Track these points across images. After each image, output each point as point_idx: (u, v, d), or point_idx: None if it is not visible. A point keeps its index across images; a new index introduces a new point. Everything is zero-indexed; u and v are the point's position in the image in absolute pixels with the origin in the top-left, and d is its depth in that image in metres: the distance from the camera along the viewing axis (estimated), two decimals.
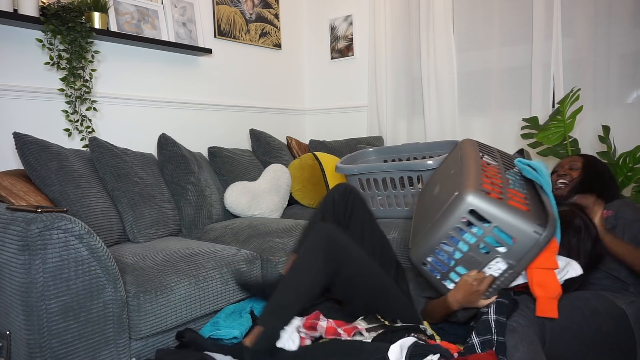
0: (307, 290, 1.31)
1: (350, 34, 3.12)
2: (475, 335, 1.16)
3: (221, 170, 2.38)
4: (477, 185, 1.17)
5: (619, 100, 2.20)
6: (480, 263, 1.20)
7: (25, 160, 1.65)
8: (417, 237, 1.32)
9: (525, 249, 1.14)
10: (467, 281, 1.21)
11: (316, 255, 1.33)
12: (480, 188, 1.17)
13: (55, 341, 1.15)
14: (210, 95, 2.70)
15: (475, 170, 1.25)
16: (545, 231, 1.11)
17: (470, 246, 1.19)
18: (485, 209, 1.14)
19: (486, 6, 2.54)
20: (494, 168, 1.33)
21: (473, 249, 1.19)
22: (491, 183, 1.23)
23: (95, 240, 1.23)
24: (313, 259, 1.33)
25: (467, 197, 1.15)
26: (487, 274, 1.20)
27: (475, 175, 1.22)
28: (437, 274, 1.29)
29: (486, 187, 1.20)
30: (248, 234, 1.89)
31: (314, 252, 1.34)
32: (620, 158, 1.92)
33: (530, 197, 1.24)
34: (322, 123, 3.35)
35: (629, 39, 2.15)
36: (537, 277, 1.17)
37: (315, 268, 1.33)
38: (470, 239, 1.20)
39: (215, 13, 2.70)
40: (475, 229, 1.19)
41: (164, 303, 1.38)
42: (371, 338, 1.29)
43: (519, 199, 1.21)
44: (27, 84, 1.90)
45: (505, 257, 1.17)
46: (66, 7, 1.88)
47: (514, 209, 1.14)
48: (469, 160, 1.31)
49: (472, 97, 2.65)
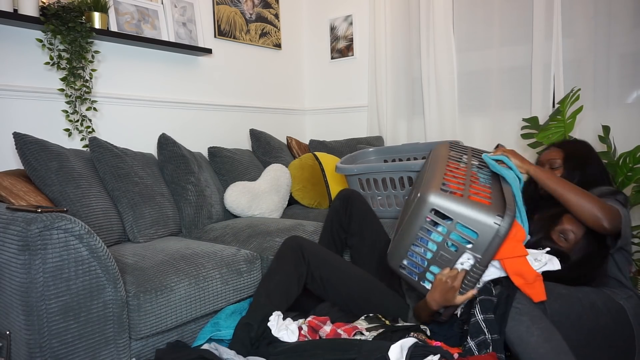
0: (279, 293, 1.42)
1: (350, 34, 3.12)
2: (470, 339, 1.17)
3: (221, 170, 2.38)
4: (437, 185, 1.23)
5: (619, 100, 2.20)
6: (451, 260, 1.24)
7: (25, 160, 1.65)
8: (393, 242, 1.37)
9: (488, 241, 1.17)
10: (441, 279, 1.23)
11: (285, 260, 1.46)
12: (440, 187, 1.22)
13: (55, 341, 1.15)
14: (210, 95, 2.70)
15: (439, 172, 1.30)
16: (504, 221, 1.14)
17: (439, 245, 1.23)
18: (444, 206, 1.18)
19: (486, 6, 2.54)
20: (461, 168, 1.37)
21: (441, 247, 1.23)
22: (454, 182, 1.27)
23: (95, 240, 1.23)
24: (282, 264, 1.46)
25: (428, 197, 1.20)
26: (459, 270, 1.23)
27: (438, 176, 1.28)
28: (414, 276, 1.32)
29: (450, 186, 1.25)
30: (248, 234, 1.89)
31: (283, 258, 1.47)
32: (620, 158, 1.92)
33: (495, 191, 1.28)
34: (322, 123, 3.35)
35: (629, 39, 2.15)
36: (511, 267, 1.20)
37: (284, 272, 1.44)
38: (437, 238, 1.24)
39: (215, 13, 2.70)
40: (441, 228, 1.22)
41: (164, 303, 1.38)
42: (372, 338, 1.29)
43: (483, 194, 1.24)
44: (27, 84, 1.90)
45: (472, 251, 1.20)
46: (66, 7, 1.88)
47: (474, 204, 1.18)
48: (434, 164, 1.37)
49: (472, 97, 2.65)
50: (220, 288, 1.55)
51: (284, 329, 1.32)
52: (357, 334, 1.32)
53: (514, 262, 1.19)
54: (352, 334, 1.31)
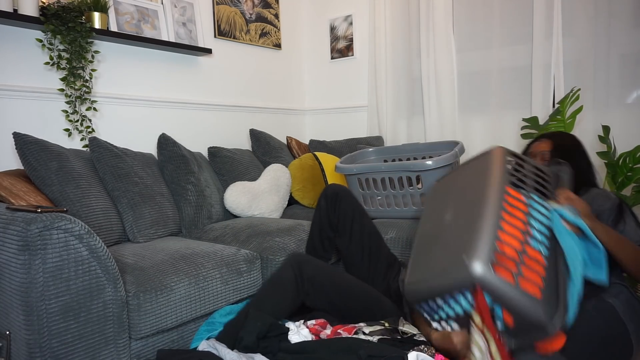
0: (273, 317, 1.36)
1: (350, 34, 3.12)
2: None
3: (221, 170, 2.38)
4: (489, 253, 0.97)
5: (619, 100, 2.20)
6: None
7: (25, 160, 1.65)
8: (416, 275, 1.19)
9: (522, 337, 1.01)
10: (452, 340, 1.13)
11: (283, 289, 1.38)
12: (491, 258, 0.97)
13: (55, 341, 1.15)
14: (210, 95, 2.70)
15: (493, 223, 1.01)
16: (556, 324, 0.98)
17: (466, 312, 1.05)
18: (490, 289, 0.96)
19: (486, 6, 2.54)
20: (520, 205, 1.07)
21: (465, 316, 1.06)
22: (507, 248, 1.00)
23: (95, 240, 1.23)
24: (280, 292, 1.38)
25: (474, 271, 0.96)
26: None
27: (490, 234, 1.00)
28: (426, 315, 1.22)
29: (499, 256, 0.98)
30: (248, 234, 1.89)
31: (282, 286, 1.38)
32: (620, 158, 1.92)
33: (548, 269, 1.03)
34: (322, 123, 3.35)
35: (629, 39, 2.15)
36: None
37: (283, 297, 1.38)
38: (467, 306, 1.04)
39: (215, 13, 2.70)
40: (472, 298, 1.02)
41: (164, 303, 1.38)
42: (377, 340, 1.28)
43: (535, 274, 1.00)
44: (27, 84, 1.90)
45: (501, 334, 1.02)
46: (66, 7, 1.88)
47: (525, 296, 0.95)
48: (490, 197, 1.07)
49: (472, 97, 2.65)
50: (220, 288, 1.55)
51: (296, 333, 1.32)
52: (357, 332, 1.32)
53: None
54: (353, 333, 1.31)
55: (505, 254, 0.99)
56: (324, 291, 1.40)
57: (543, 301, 0.97)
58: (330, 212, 1.69)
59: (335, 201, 1.68)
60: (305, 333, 1.33)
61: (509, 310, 0.98)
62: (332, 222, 1.69)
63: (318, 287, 1.40)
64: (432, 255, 1.19)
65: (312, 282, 1.39)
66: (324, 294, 1.41)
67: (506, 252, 0.99)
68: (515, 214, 1.06)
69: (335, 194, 1.69)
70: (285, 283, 1.38)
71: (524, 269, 0.99)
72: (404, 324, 1.36)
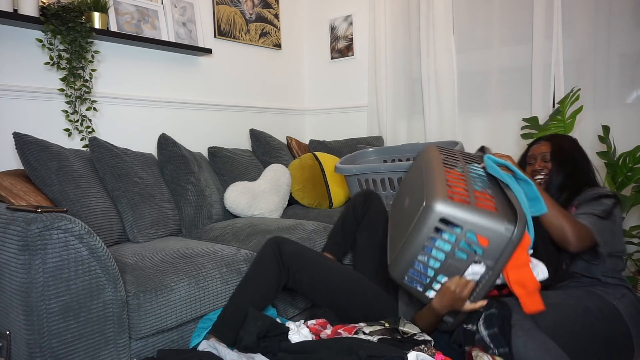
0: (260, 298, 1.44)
1: (350, 34, 3.12)
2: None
3: (221, 170, 2.38)
4: (443, 193, 1.18)
5: (619, 100, 2.20)
6: (460, 269, 1.20)
7: (25, 160, 1.65)
8: (394, 252, 1.32)
9: (500, 249, 1.15)
10: (449, 288, 1.20)
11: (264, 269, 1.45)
12: (446, 195, 1.17)
13: (55, 341, 1.15)
14: (210, 95, 2.70)
15: (440, 178, 1.25)
16: (516, 228, 1.12)
17: (447, 254, 1.19)
18: (454, 215, 1.14)
19: (486, 6, 2.54)
20: (457, 172, 1.32)
21: (450, 256, 1.20)
22: (456, 188, 1.23)
23: (95, 240, 1.23)
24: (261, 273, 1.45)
25: (436, 206, 1.15)
26: (468, 278, 1.20)
27: (441, 183, 1.23)
28: (419, 286, 1.28)
29: (451, 192, 1.20)
30: (248, 234, 1.89)
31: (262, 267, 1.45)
32: (620, 158, 1.92)
33: (497, 197, 1.25)
34: (322, 123, 3.35)
35: (629, 39, 2.15)
36: (513, 275, 1.17)
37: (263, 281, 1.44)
38: (446, 247, 1.20)
39: (215, 13, 2.70)
40: (448, 236, 1.19)
41: (164, 303, 1.38)
42: (377, 340, 1.28)
43: (486, 200, 1.21)
44: (27, 84, 1.90)
45: (482, 260, 1.17)
46: (66, 7, 1.88)
47: (483, 211, 1.14)
48: (432, 169, 1.32)
49: (472, 97, 2.65)
50: (220, 288, 1.55)
51: (296, 333, 1.33)
52: (358, 332, 1.32)
53: (517, 270, 1.16)
54: (353, 332, 1.32)
55: (456, 191, 1.20)
56: (303, 267, 1.47)
57: (500, 213, 1.15)
58: (359, 206, 1.76)
59: (369, 199, 1.77)
60: (305, 333, 1.34)
61: (475, 228, 1.14)
62: (357, 214, 1.76)
63: (297, 263, 1.47)
64: (400, 233, 1.33)
65: (291, 257, 1.47)
66: (305, 270, 1.47)
67: (456, 190, 1.20)
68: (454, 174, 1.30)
69: (370, 193, 1.79)
70: (265, 261, 1.46)
71: (476, 199, 1.18)
72: (405, 324, 1.36)
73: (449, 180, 1.26)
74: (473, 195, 1.21)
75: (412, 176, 1.48)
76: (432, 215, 1.16)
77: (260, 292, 1.44)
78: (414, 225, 1.21)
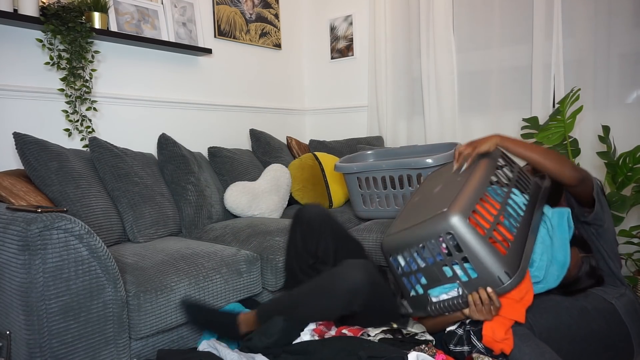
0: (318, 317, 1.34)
1: (350, 34, 3.12)
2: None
3: (221, 170, 2.38)
4: (466, 210, 1.16)
5: (619, 100, 2.19)
6: (439, 281, 1.22)
7: (25, 160, 1.65)
8: (396, 229, 1.33)
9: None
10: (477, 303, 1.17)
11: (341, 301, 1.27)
12: (467, 214, 1.15)
13: (55, 341, 1.15)
14: (210, 95, 2.70)
15: (475, 193, 1.21)
16: (510, 281, 1.11)
17: (436, 263, 1.21)
18: (462, 237, 1.13)
19: (486, 6, 2.54)
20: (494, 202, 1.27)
21: (437, 266, 1.21)
22: (483, 213, 1.20)
23: (95, 240, 1.23)
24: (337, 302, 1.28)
25: (451, 218, 1.14)
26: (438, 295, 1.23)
27: (472, 198, 1.19)
28: (398, 269, 1.33)
29: (476, 214, 1.18)
30: (248, 234, 1.89)
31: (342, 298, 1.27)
32: (620, 158, 1.92)
33: (517, 242, 1.20)
34: (322, 123, 3.35)
35: (629, 39, 2.15)
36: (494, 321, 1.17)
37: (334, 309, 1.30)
38: (438, 257, 1.21)
39: (215, 13, 2.70)
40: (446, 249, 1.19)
41: (164, 303, 1.38)
42: (377, 339, 1.28)
43: (502, 239, 1.19)
44: (27, 84, 1.90)
45: (463, 287, 1.18)
46: (66, 7, 1.88)
47: (490, 248, 1.12)
48: (476, 178, 1.27)
49: (472, 97, 2.65)
50: (221, 288, 1.55)
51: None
52: (363, 334, 1.31)
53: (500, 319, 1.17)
54: (359, 334, 1.31)
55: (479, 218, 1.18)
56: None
57: (507, 257, 1.13)
58: (307, 241, 1.57)
59: (313, 229, 1.55)
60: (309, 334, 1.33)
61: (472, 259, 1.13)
62: (310, 250, 1.57)
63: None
64: (415, 215, 1.32)
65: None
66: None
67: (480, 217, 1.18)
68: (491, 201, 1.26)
69: (312, 220, 1.56)
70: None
71: (494, 233, 1.17)
72: (414, 325, 1.36)
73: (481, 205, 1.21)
74: (494, 228, 1.17)
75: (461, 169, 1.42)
76: (443, 224, 1.15)
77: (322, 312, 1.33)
78: (425, 220, 1.21)
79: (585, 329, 1.22)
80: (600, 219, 1.34)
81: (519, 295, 1.18)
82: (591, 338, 1.22)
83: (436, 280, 1.22)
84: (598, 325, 1.23)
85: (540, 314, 1.22)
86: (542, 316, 1.22)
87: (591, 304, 1.26)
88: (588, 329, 1.22)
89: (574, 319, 1.22)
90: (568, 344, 1.20)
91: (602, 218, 1.35)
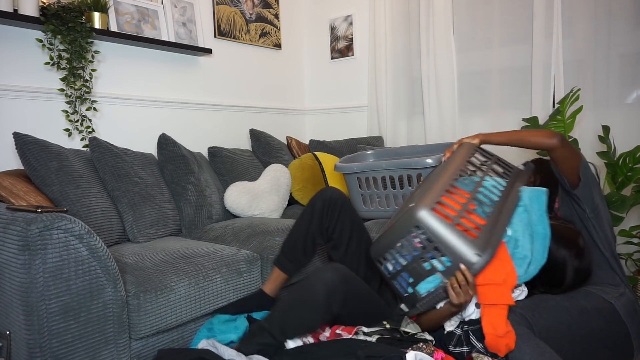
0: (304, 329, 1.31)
1: (350, 34, 3.12)
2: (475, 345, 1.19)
3: (221, 170, 2.38)
4: (431, 202, 1.21)
5: (619, 100, 2.20)
6: (422, 275, 1.26)
7: (25, 160, 1.65)
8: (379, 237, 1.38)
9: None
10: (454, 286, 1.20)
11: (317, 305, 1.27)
12: (432, 206, 1.20)
13: (55, 341, 1.15)
14: (210, 95, 2.70)
15: (441, 186, 1.27)
16: (480, 259, 1.13)
17: (414, 257, 1.25)
18: (429, 226, 1.18)
19: (486, 6, 2.54)
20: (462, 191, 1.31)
21: (416, 261, 1.25)
22: (450, 203, 1.24)
23: (95, 240, 1.23)
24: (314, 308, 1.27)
25: (418, 212, 1.19)
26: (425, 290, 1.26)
27: (437, 191, 1.25)
28: (387, 274, 1.36)
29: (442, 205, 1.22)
30: (248, 234, 1.89)
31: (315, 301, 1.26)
32: (620, 158, 1.92)
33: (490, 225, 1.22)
34: (322, 123, 3.35)
35: (629, 39, 2.15)
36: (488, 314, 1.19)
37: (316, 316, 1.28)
38: (415, 253, 1.25)
39: (215, 13, 2.70)
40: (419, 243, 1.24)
41: (164, 303, 1.38)
42: (375, 340, 1.28)
43: (475, 226, 1.21)
44: (27, 84, 1.90)
45: (442, 276, 1.22)
46: (66, 7, 1.88)
47: (458, 233, 1.16)
48: (444, 174, 1.33)
49: (472, 97, 2.65)
50: (221, 288, 1.55)
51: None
52: (357, 333, 1.32)
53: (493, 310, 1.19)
54: (353, 333, 1.31)
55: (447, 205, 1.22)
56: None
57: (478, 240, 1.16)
58: (324, 218, 1.56)
59: (334, 209, 1.55)
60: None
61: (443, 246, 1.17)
62: (323, 228, 1.57)
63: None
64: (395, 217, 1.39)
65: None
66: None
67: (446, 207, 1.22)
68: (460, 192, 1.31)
69: (334, 200, 1.55)
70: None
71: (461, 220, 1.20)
72: (408, 324, 1.36)
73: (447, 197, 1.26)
74: (462, 215, 1.22)
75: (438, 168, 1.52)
76: (411, 219, 1.21)
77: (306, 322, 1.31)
78: (398, 219, 1.27)
79: (585, 328, 1.22)
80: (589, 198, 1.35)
81: (499, 278, 1.19)
82: (591, 338, 1.22)
83: (420, 276, 1.26)
84: (598, 325, 1.23)
85: (540, 314, 1.22)
86: (542, 316, 1.22)
87: (591, 303, 1.26)
88: (588, 328, 1.22)
89: (573, 319, 1.22)
90: (568, 343, 1.20)
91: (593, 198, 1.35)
